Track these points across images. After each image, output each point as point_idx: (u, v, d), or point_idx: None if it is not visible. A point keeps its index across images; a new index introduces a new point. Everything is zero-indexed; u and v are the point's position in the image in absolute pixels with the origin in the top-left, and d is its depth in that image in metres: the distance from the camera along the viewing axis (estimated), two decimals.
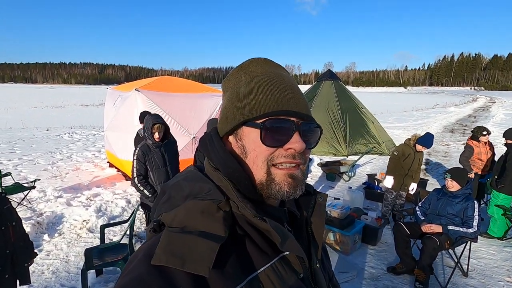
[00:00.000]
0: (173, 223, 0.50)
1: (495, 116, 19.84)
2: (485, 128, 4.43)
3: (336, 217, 3.44)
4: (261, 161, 0.54)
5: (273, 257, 0.53)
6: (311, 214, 0.64)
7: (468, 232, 2.72)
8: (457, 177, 2.88)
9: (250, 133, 0.55)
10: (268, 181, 0.54)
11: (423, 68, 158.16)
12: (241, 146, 0.57)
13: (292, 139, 0.54)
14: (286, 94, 0.56)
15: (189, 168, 0.63)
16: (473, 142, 4.52)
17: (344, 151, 8.57)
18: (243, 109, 0.56)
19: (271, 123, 0.53)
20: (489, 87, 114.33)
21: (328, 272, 0.71)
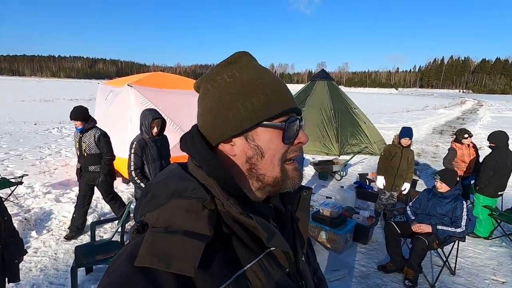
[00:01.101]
0: (157, 223, 0.49)
1: (482, 119, 20.34)
2: (466, 130, 4.52)
3: (328, 216, 3.47)
4: (278, 159, 0.56)
5: (260, 253, 0.54)
6: (296, 209, 0.66)
7: (456, 231, 2.78)
8: (446, 179, 2.94)
9: (266, 133, 0.55)
10: (283, 177, 0.57)
11: (414, 70, 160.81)
12: (254, 147, 0.56)
13: (300, 134, 0.58)
14: (288, 91, 0.59)
15: (173, 166, 0.61)
16: (456, 144, 4.60)
17: (337, 151, 8.65)
18: (256, 109, 0.54)
19: (290, 122, 0.56)
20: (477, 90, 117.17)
21: (313, 265, 0.73)
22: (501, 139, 3.80)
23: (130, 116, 5.60)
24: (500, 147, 3.78)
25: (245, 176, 0.58)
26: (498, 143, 3.80)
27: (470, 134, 4.49)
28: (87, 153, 3.41)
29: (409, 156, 4.07)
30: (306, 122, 9.42)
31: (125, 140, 5.63)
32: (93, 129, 3.48)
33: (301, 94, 10.56)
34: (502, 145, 3.78)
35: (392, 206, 4.23)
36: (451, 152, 4.58)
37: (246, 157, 0.57)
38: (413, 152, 4.16)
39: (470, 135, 4.49)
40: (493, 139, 3.86)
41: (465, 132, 4.50)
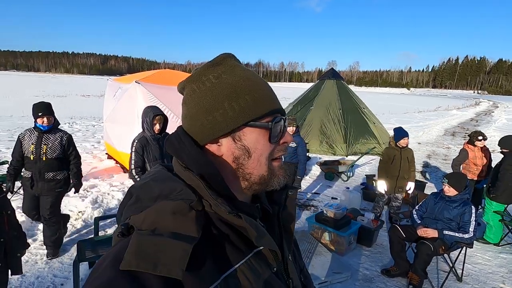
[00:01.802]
0: (142, 226, 0.48)
1: (497, 121, 19.72)
2: (481, 133, 4.38)
3: (332, 217, 3.43)
4: (265, 158, 0.57)
5: (248, 253, 0.54)
6: (282, 209, 0.66)
7: (464, 237, 2.70)
8: (455, 183, 2.85)
9: (253, 133, 0.56)
10: (270, 175, 0.59)
11: (427, 70, 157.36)
12: (241, 146, 0.56)
13: (285, 133, 0.60)
14: (272, 93, 0.61)
15: (157, 168, 0.61)
16: (469, 146, 4.48)
17: (344, 151, 8.54)
18: (243, 110, 0.55)
19: (275, 122, 0.57)
20: (493, 91, 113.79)
21: (299, 264, 0.75)
22: (508, 143, 3.66)
23: (137, 113, 5.65)
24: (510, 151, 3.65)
25: (232, 176, 0.58)
26: (510, 148, 3.66)
27: (485, 137, 4.35)
28: (47, 157, 2.86)
29: (409, 156, 4.00)
30: (314, 122, 9.38)
31: (132, 136, 5.72)
32: (58, 130, 3.01)
33: (309, 93, 10.47)
34: (510, 148, 3.64)
35: (397, 209, 4.14)
36: (462, 153, 4.46)
37: (233, 157, 0.57)
38: (412, 150, 4.08)
39: (485, 137, 4.35)
40: (505, 144, 3.72)
41: (479, 134, 4.37)
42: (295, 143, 3.61)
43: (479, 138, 4.33)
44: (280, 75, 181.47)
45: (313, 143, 8.90)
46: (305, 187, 5.87)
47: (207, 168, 0.54)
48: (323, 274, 2.88)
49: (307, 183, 6.15)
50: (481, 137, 4.33)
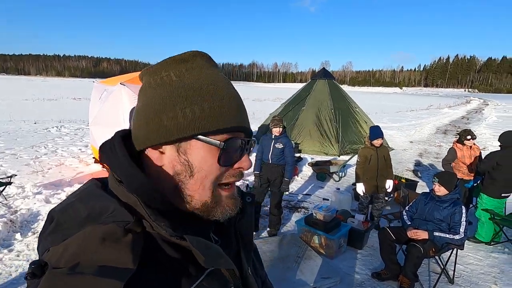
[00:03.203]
0: (60, 262, 0.38)
1: (487, 118, 19.98)
2: (470, 132, 4.35)
3: (321, 220, 3.34)
4: (210, 182, 0.49)
5: (199, 276, 0.48)
6: (239, 217, 0.60)
7: (454, 238, 2.63)
8: (445, 182, 2.79)
9: (201, 149, 0.48)
10: (213, 203, 0.50)
11: (419, 69, 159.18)
12: (185, 161, 0.48)
13: (243, 158, 0.52)
14: (241, 108, 0.52)
15: (88, 183, 0.51)
16: (457, 145, 4.46)
17: (336, 151, 8.49)
18: (196, 118, 0.47)
19: (232, 142, 0.49)
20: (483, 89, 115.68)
21: (260, 276, 0.70)
22: (506, 139, 3.62)
23: (123, 115, 5.51)
24: (506, 147, 3.61)
25: (174, 191, 0.49)
26: (505, 143, 3.63)
27: (473, 136, 4.32)
28: None
29: (385, 154, 3.95)
30: (306, 122, 9.32)
31: None
32: None
33: (301, 93, 10.42)
34: (508, 145, 3.60)
35: (380, 209, 4.05)
36: (450, 152, 4.44)
37: (174, 171, 0.49)
38: (387, 148, 4.05)
39: (473, 136, 4.31)
40: (501, 139, 3.69)
41: (468, 133, 4.33)
42: (282, 144, 3.51)
43: (468, 137, 4.30)
44: (274, 75, 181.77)
45: (305, 143, 8.84)
46: (296, 188, 5.78)
47: (142, 181, 0.45)
48: (312, 280, 2.78)
49: (299, 184, 6.06)
50: (469, 136, 4.29)
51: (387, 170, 3.95)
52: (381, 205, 4.05)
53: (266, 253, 3.16)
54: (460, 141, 4.39)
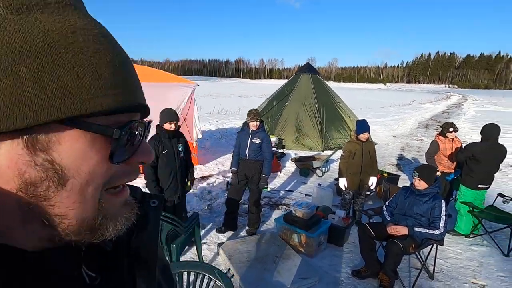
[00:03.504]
0: None
1: (466, 113, 20.60)
2: (452, 124, 4.34)
3: (300, 217, 3.21)
4: (94, 189, 0.31)
5: None
6: (137, 232, 0.42)
7: (434, 233, 2.56)
8: (425, 176, 2.71)
9: (78, 141, 0.29)
10: (101, 219, 0.33)
11: (402, 66, 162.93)
12: (46, 163, 0.28)
13: (142, 147, 0.35)
14: (134, 75, 0.34)
15: None
16: (439, 138, 4.45)
17: (320, 146, 8.44)
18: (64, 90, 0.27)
19: (129, 128, 0.33)
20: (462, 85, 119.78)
21: None
22: (487, 132, 3.60)
23: None
24: (487, 140, 3.60)
25: (16, 216, 0.29)
26: (486, 135, 3.62)
27: (456, 129, 4.30)
28: None
29: (370, 150, 3.82)
30: (290, 117, 9.22)
31: None
32: None
33: (285, 88, 10.29)
34: (488, 137, 3.59)
35: (361, 205, 3.96)
36: (432, 145, 4.44)
37: (21, 180, 0.28)
38: (373, 143, 3.93)
39: (456, 129, 4.30)
40: (482, 132, 3.66)
41: (450, 125, 4.32)
42: (259, 139, 3.35)
43: (450, 129, 4.28)
44: (261, 72, 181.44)
45: (289, 138, 8.74)
46: (278, 185, 5.66)
47: None
48: (290, 280, 2.65)
49: (281, 180, 5.94)
50: (452, 129, 4.28)
51: (371, 166, 3.84)
52: (362, 201, 3.96)
53: (243, 253, 3.01)
54: (443, 133, 4.39)
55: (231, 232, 3.64)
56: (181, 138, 3.06)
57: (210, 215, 4.09)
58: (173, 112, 2.91)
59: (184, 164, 3.05)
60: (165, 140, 2.89)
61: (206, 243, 3.38)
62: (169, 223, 2.20)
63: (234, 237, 3.54)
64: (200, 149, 8.25)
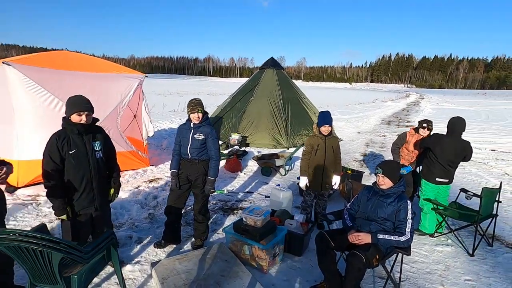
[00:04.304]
0: None
1: (424, 110, 21.79)
2: (428, 122, 4.16)
3: (252, 226, 2.73)
4: None
5: None
6: None
7: (400, 240, 2.21)
8: (389, 172, 2.36)
9: None
10: None
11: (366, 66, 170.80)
12: None
13: None
14: None
15: None
16: (412, 131, 4.36)
17: (285, 143, 8.08)
18: None
19: None
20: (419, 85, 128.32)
21: None
22: (451, 126, 3.40)
23: (13, 105, 4.30)
24: (451, 134, 3.39)
25: None
26: (449, 129, 3.41)
27: (429, 127, 4.13)
28: None
29: (334, 145, 3.45)
30: (254, 113, 8.76)
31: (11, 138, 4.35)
32: None
33: (249, 83, 9.83)
34: (452, 131, 3.38)
35: (322, 209, 3.61)
36: (400, 137, 4.39)
37: None
38: (337, 139, 3.54)
39: (429, 128, 4.12)
40: (449, 125, 3.44)
41: (425, 122, 4.16)
42: (202, 134, 2.81)
43: (424, 125, 4.13)
44: (231, 70, 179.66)
45: (254, 136, 8.29)
46: (238, 186, 5.16)
47: None
48: None
49: (241, 181, 5.45)
50: (425, 124, 4.13)
51: (335, 164, 3.47)
52: (324, 204, 3.58)
53: (180, 274, 2.45)
54: (417, 128, 4.25)
55: (173, 246, 3.06)
56: (99, 134, 2.41)
57: (151, 225, 3.47)
58: (84, 100, 2.26)
59: (103, 167, 2.41)
60: (73, 136, 2.23)
61: (139, 262, 2.77)
62: (58, 251, 1.59)
63: (176, 252, 2.97)
64: (156, 148, 7.50)
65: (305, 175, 3.45)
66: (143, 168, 5.58)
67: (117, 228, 3.31)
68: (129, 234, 3.19)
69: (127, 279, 2.52)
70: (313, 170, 3.42)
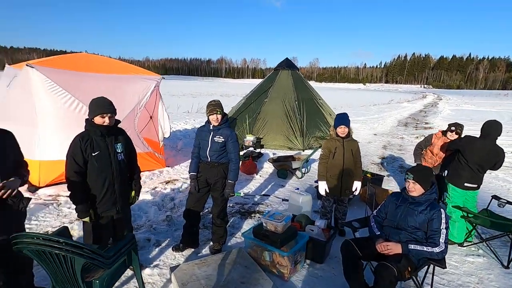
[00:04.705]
0: None
1: (442, 112, 21.06)
2: (457, 125, 3.96)
3: (272, 231, 2.65)
4: None
5: None
6: None
7: (434, 251, 2.07)
8: (421, 178, 2.22)
9: None
10: None
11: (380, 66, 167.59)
12: None
13: None
14: None
15: None
16: (439, 134, 4.20)
17: (300, 145, 7.96)
18: None
19: None
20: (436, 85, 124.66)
21: None
22: (486, 129, 3.19)
23: (35, 107, 4.40)
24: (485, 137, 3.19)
25: None
26: (483, 132, 3.21)
27: (458, 131, 3.92)
28: None
29: (353, 149, 3.29)
30: (269, 114, 8.67)
31: (33, 138, 4.45)
32: None
33: (263, 84, 9.76)
34: (486, 135, 3.18)
35: (343, 215, 3.46)
36: (426, 138, 4.28)
37: None
38: (357, 142, 3.36)
39: (458, 132, 3.92)
40: (482, 128, 3.22)
41: (454, 125, 3.96)
42: (222, 137, 2.75)
43: (452, 128, 3.93)
44: (243, 71, 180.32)
45: (268, 137, 8.20)
46: (254, 188, 5.09)
47: None
48: None
49: (257, 183, 5.37)
50: (453, 128, 3.93)
51: (354, 168, 3.31)
52: (344, 209, 3.44)
53: (200, 280, 2.40)
54: (445, 132, 4.10)
55: (191, 250, 3.01)
56: (121, 135, 2.40)
57: (169, 228, 3.44)
58: (106, 102, 2.25)
59: (124, 169, 2.39)
60: (96, 138, 2.22)
61: (158, 266, 2.74)
62: (80, 256, 1.56)
63: (194, 256, 2.93)
64: (171, 150, 7.53)
65: (324, 180, 3.33)
66: (159, 169, 5.60)
67: (136, 230, 3.30)
68: (147, 236, 3.17)
69: (146, 283, 2.48)
70: (331, 175, 3.30)
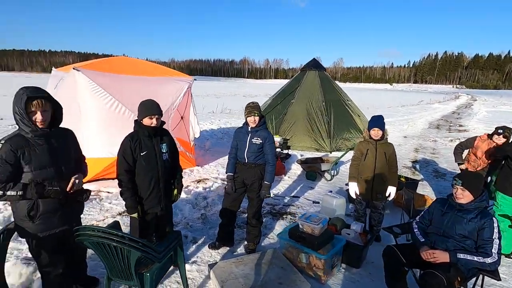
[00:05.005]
0: None
1: (478, 113, 19.81)
2: (506, 128, 3.73)
3: (309, 234, 2.65)
4: None
5: None
6: None
7: (485, 262, 1.98)
8: (471, 184, 2.12)
9: None
10: None
11: (408, 66, 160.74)
12: None
13: None
14: None
15: None
16: (483, 136, 4.01)
17: (328, 147, 7.85)
18: None
19: None
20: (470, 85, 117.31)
21: None
22: None
23: (80, 107, 4.70)
24: None
25: None
26: None
27: (506, 134, 3.69)
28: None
29: (387, 152, 3.16)
30: (295, 115, 8.64)
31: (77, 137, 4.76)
32: None
33: (290, 84, 9.74)
34: None
35: (378, 222, 3.32)
36: (469, 139, 4.12)
37: None
38: (392, 145, 3.22)
39: (506, 135, 3.69)
40: None
41: (502, 128, 3.74)
42: (260, 138, 2.80)
43: (499, 131, 3.70)
44: (266, 72, 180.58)
45: (295, 138, 8.17)
46: (283, 190, 5.10)
47: None
48: None
49: (286, 184, 5.38)
50: (501, 131, 3.69)
51: (388, 173, 3.18)
52: (379, 217, 3.33)
53: (238, 278, 2.45)
54: (491, 134, 3.88)
55: (226, 248, 3.09)
56: (165, 136, 2.51)
57: (204, 226, 3.54)
58: (154, 105, 2.36)
59: (169, 168, 2.50)
60: (144, 138, 2.35)
61: (196, 262, 2.84)
62: (136, 249, 1.66)
63: (230, 254, 3.00)
64: (199, 149, 7.72)
65: (354, 181, 3.27)
66: (190, 168, 5.77)
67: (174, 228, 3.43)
68: (184, 233, 3.28)
69: None
70: (362, 177, 3.23)
